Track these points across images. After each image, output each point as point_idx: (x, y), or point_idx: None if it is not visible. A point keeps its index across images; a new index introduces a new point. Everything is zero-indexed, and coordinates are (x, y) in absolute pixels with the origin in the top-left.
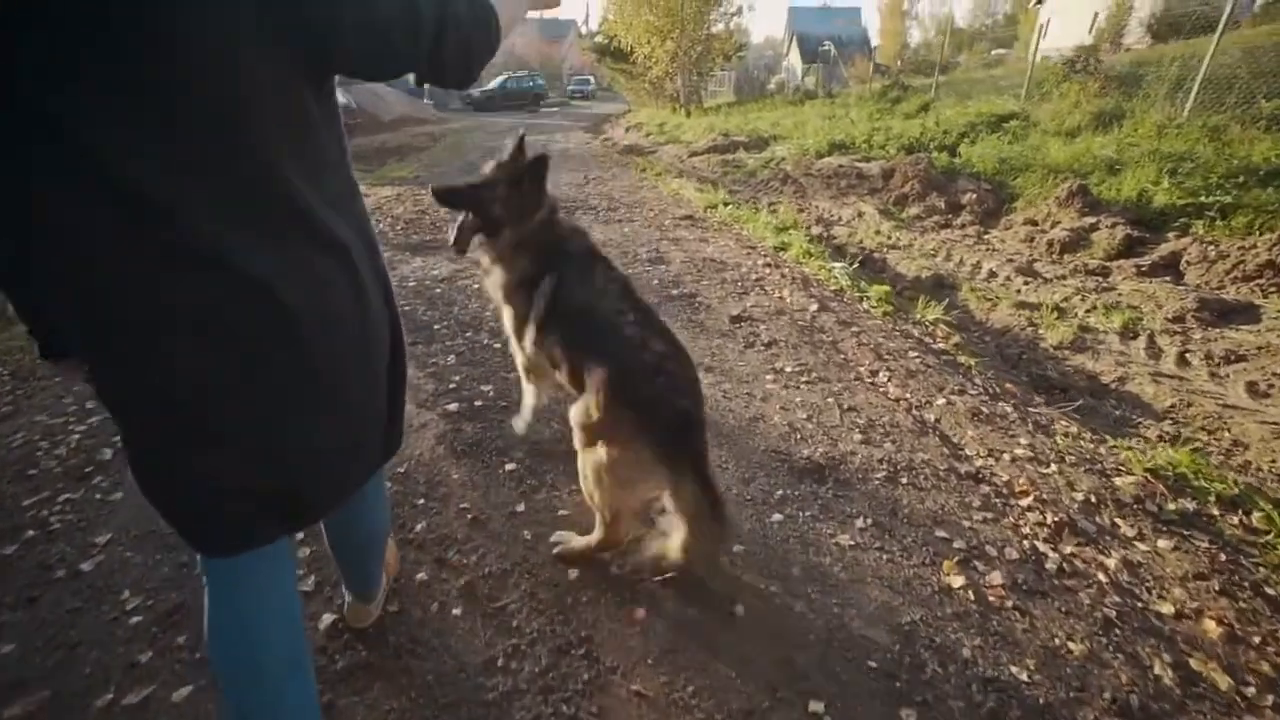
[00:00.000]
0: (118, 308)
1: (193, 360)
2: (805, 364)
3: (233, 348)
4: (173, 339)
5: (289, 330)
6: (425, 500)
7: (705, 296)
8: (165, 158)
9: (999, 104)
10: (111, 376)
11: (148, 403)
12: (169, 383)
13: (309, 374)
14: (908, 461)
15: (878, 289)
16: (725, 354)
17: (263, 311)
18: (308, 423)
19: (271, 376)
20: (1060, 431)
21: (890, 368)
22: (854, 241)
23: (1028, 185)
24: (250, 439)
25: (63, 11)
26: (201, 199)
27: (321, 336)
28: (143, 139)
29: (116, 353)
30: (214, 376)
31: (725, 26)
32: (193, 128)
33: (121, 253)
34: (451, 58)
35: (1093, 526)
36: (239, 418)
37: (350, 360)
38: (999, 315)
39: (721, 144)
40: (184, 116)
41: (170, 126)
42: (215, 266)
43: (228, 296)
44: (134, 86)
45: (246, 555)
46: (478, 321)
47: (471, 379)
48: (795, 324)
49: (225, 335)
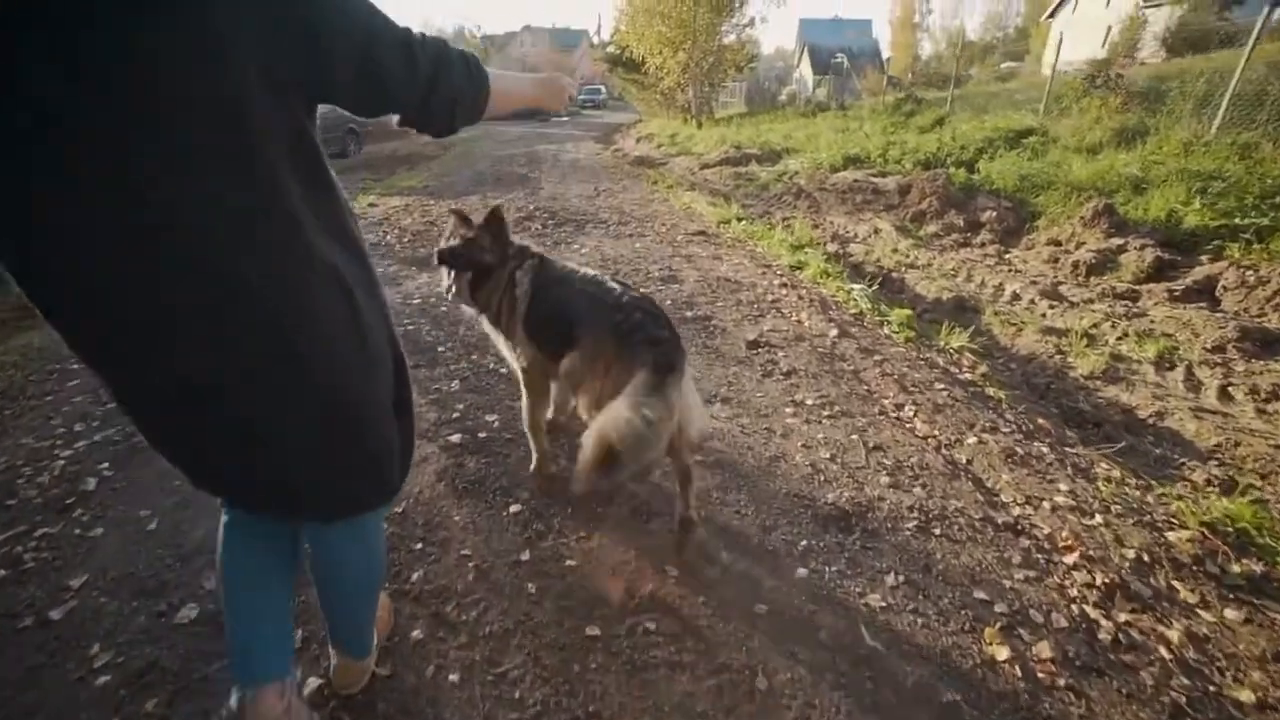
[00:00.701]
0: (117, 307)
1: (192, 362)
2: (827, 396)
3: (232, 353)
4: (171, 340)
5: (286, 342)
6: (423, 545)
7: (720, 319)
8: (171, 172)
9: (1017, 119)
10: (112, 376)
11: (148, 401)
12: (168, 383)
13: (309, 388)
14: (940, 509)
15: (899, 313)
16: (742, 384)
17: (261, 319)
18: (307, 430)
19: (271, 383)
20: (1102, 476)
21: (916, 401)
22: (871, 260)
23: (1050, 203)
24: (248, 441)
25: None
26: (203, 207)
27: (321, 355)
28: (152, 163)
29: (116, 352)
30: (214, 378)
31: (737, 38)
32: (204, 158)
33: (122, 253)
34: (438, 109)
35: (1148, 590)
36: (237, 421)
37: (351, 379)
38: (1024, 341)
39: (734, 156)
40: (197, 151)
41: (182, 159)
42: (215, 271)
43: (227, 301)
44: (151, 132)
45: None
46: (483, 344)
47: (476, 408)
48: (815, 351)
49: (224, 340)
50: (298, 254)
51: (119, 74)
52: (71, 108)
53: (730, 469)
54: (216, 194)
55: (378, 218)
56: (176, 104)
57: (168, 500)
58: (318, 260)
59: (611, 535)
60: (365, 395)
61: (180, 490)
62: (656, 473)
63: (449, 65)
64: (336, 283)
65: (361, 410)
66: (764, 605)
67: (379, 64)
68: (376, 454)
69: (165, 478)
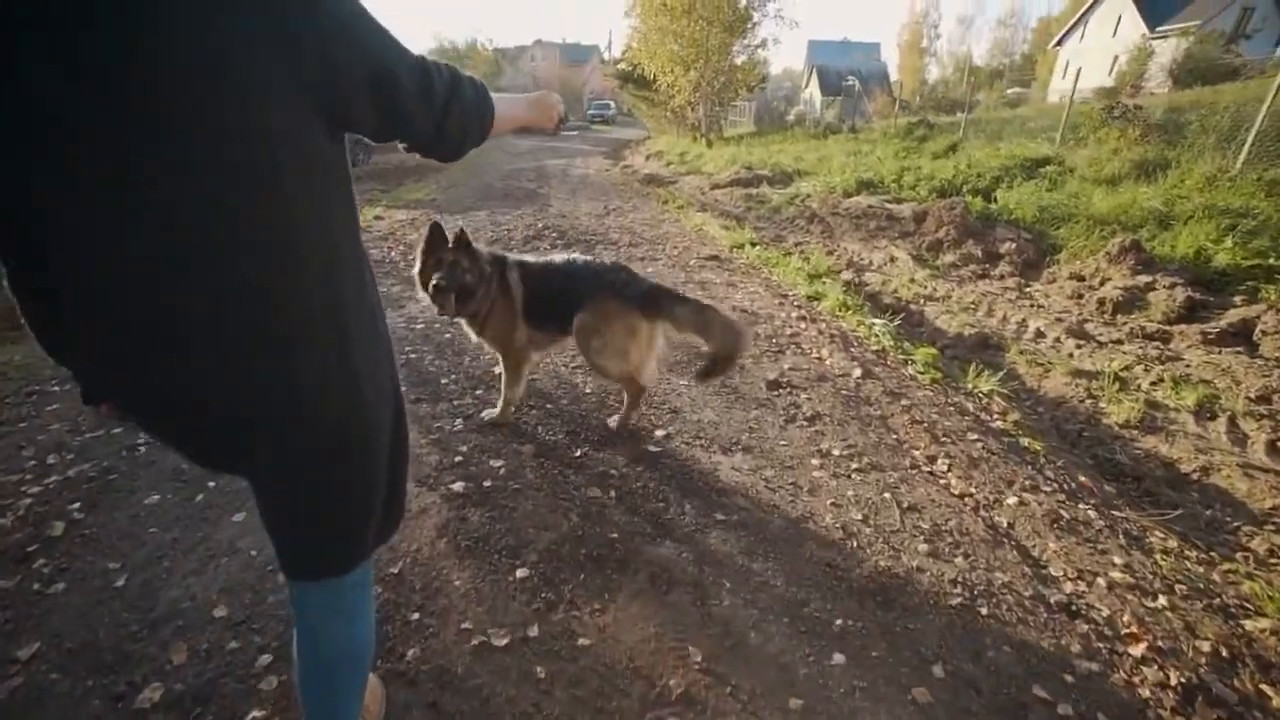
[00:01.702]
0: (116, 307)
1: (188, 364)
2: (854, 446)
3: (224, 361)
4: (170, 340)
5: (279, 358)
6: (420, 615)
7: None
8: (171, 173)
9: (1032, 147)
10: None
11: (149, 400)
12: (168, 382)
13: (296, 411)
14: (985, 583)
15: (924, 352)
16: (764, 429)
17: (261, 320)
18: (291, 458)
19: (258, 401)
20: (1158, 547)
21: (949, 453)
22: (888, 291)
23: (1071, 237)
24: (236, 456)
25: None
26: (203, 209)
27: (309, 378)
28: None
29: (112, 355)
30: (204, 385)
31: (748, 58)
32: (206, 163)
33: (122, 253)
34: (450, 136)
35: (1233, 695)
36: (225, 432)
37: (341, 413)
38: (1053, 384)
39: (745, 177)
40: (197, 157)
41: (181, 163)
42: (216, 272)
43: (226, 305)
44: (151, 133)
45: None
46: (490, 375)
47: (480, 450)
48: (839, 393)
49: (220, 346)
50: (296, 264)
51: (119, 74)
52: (71, 108)
53: (756, 531)
54: (216, 196)
55: (383, 232)
56: (176, 107)
57: (140, 551)
58: (314, 279)
59: (628, 607)
60: (354, 432)
61: (155, 539)
62: (667, 541)
63: (461, 92)
64: (332, 315)
65: (351, 446)
66: (799, 700)
67: (397, 91)
68: (354, 504)
69: (140, 523)
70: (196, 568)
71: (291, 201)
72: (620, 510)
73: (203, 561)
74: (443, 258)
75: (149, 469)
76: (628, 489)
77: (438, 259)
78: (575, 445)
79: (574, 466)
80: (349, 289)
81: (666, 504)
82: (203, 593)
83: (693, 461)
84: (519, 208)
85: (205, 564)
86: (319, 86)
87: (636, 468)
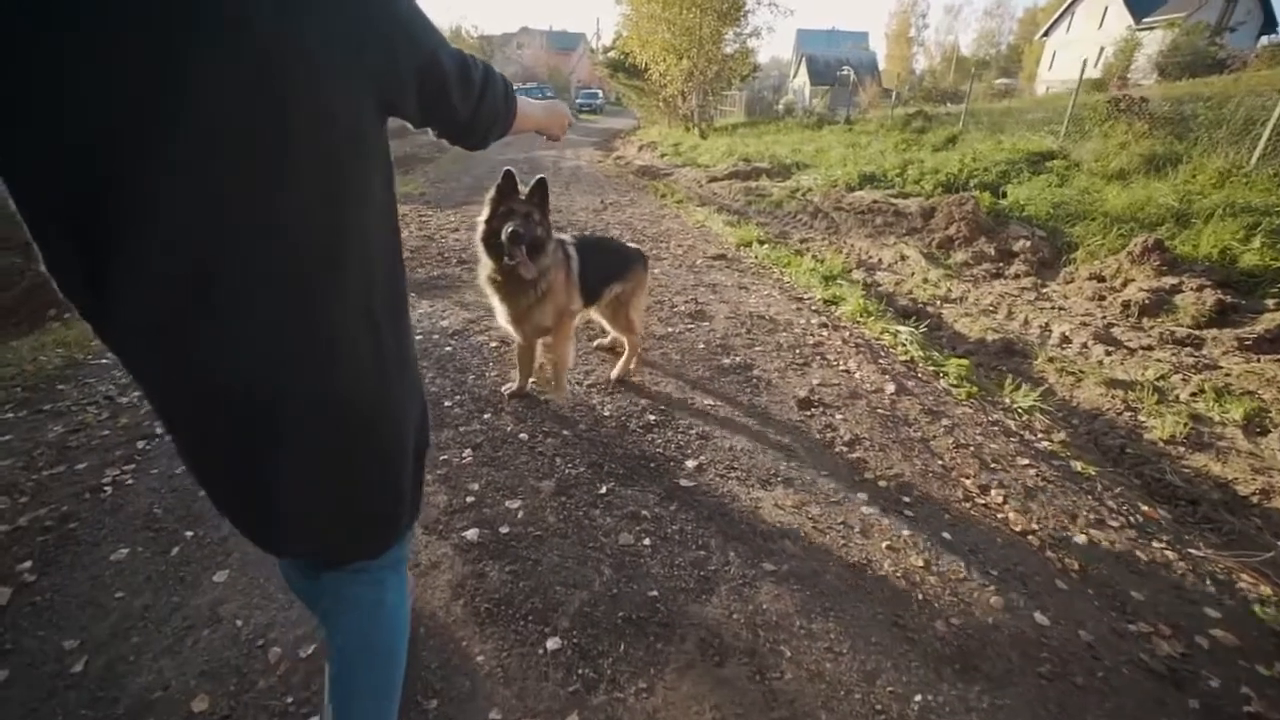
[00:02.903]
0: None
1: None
2: (899, 475)
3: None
4: (198, 322)
5: (310, 342)
6: (440, 703)
7: (762, 368)
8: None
9: (1035, 141)
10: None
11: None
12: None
13: (328, 395)
14: (1072, 644)
15: (955, 363)
16: (802, 457)
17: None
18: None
19: (292, 381)
20: (1254, 597)
21: (1002, 482)
22: (903, 292)
23: (1087, 235)
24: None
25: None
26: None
27: (344, 364)
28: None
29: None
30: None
31: (740, 46)
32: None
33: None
34: (482, 124)
35: None
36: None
37: (373, 398)
38: (1086, 394)
39: (742, 170)
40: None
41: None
42: (267, 246)
43: (276, 280)
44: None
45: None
46: (499, 396)
47: (494, 488)
48: (874, 412)
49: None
50: (341, 240)
51: (230, 72)
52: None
53: (810, 583)
54: (286, 174)
55: None
56: (271, 95)
57: (103, 623)
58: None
59: (677, 684)
60: (386, 419)
61: (121, 607)
62: (713, 598)
63: (494, 84)
64: (364, 305)
65: (381, 432)
66: None
67: (444, 76)
68: (385, 487)
69: (104, 585)
70: (171, 644)
71: (347, 181)
72: (657, 560)
73: (178, 635)
74: (514, 208)
75: (116, 515)
76: (663, 533)
77: (508, 209)
78: (599, 479)
79: (600, 506)
80: (385, 269)
81: (708, 551)
82: (178, 678)
83: (730, 498)
84: None
85: (181, 638)
86: (381, 76)
87: (670, 506)
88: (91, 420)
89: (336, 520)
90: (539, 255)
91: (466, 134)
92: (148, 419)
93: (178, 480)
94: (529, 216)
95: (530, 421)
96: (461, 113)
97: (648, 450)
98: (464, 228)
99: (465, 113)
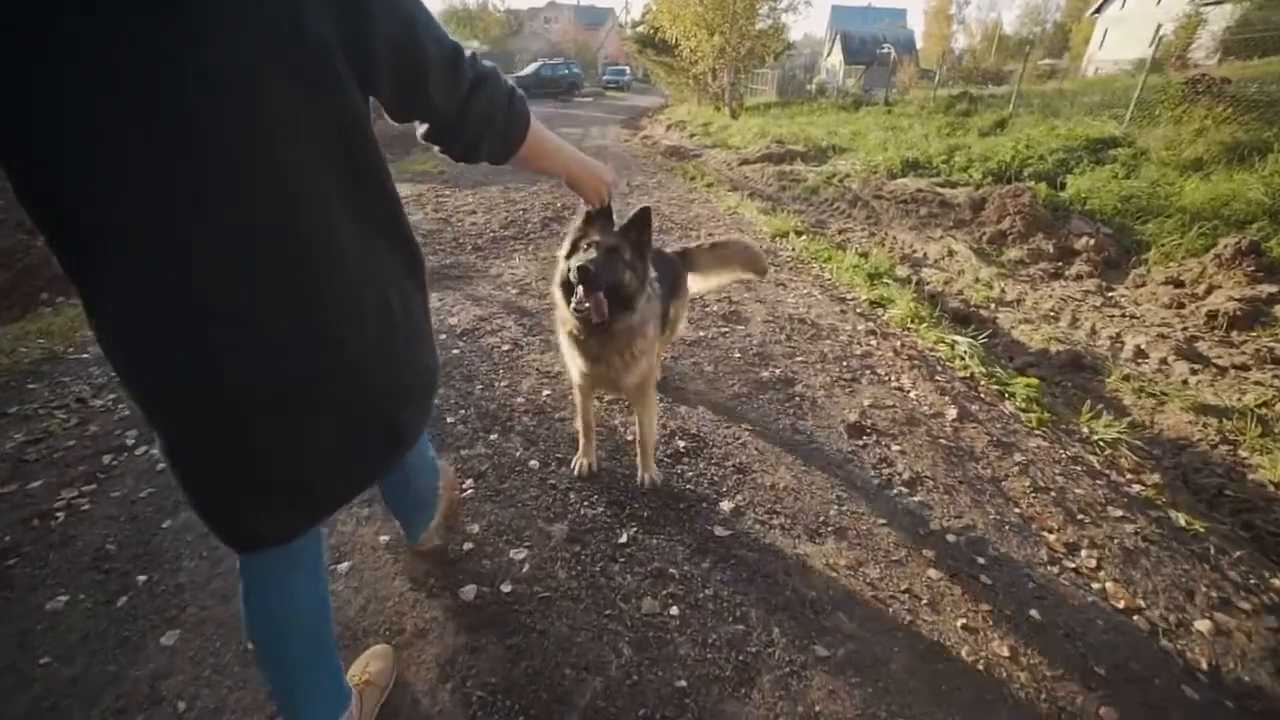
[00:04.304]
0: (141, 233)
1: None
2: (970, 527)
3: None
4: (189, 272)
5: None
6: None
7: (806, 383)
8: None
9: (1095, 126)
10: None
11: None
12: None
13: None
14: None
15: (1022, 382)
16: (856, 500)
17: (279, 255)
18: (321, 409)
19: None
20: None
21: (1093, 540)
22: (953, 292)
23: (1161, 233)
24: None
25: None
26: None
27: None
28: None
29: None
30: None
31: (773, 22)
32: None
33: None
34: (470, 126)
35: None
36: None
37: (374, 356)
38: (1171, 421)
39: (776, 152)
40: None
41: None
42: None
43: (252, 236)
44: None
45: (271, 553)
46: (508, 411)
47: (497, 531)
48: (936, 443)
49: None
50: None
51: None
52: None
53: (873, 674)
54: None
55: None
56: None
57: (22, 697)
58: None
59: None
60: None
61: (48, 676)
62: (755, 692)
63: (495, 86)
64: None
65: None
66: None
67: (422, 52)
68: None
69: (31, 644)
70: None
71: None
72: (686, 636)
73: None
74: (598, 240)
75: (63, 550)
76: (694, 599)
77: (591, 241)
78: (619, 524)
79: (620, 559)
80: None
81: (747, 625)
82: None
83: (773, 554)
84: (534, 183)
85: None
86: (347, 34)
87: (702, 563)
88: (57, 428)
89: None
90: (623, 310)
91: (451, 134)
92: (120, 427)
93: (139, 507)
94: (614, 252)
95: (542, 445)
96: (442, 106)
97: (676, 486)
98: (481, 210)
99: (447, 107)
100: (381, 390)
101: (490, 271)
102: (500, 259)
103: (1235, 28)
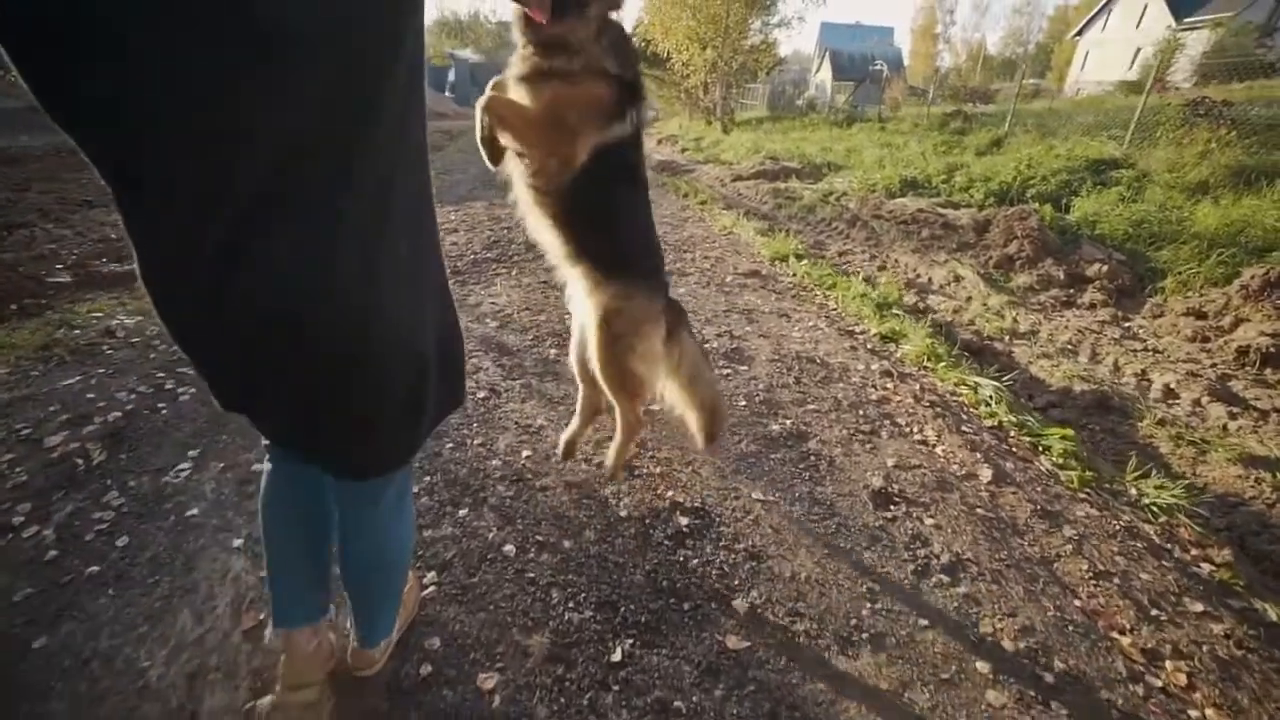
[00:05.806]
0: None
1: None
2: (1029, 628)
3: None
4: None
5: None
6: None
7: (820, 437)
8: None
9: (1095, 147)
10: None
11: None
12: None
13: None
14: None
15: (1058, 434)
16: (891, 595)
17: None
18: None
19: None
20: None
21: (1178, 645)
22: (963, 321)
23: (1177, 261)
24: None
25: None
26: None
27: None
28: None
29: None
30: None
31: (764, 38)
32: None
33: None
34: None
35: None
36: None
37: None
38: (1217, 473)
39: (770, 169)
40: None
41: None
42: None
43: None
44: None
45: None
46: (480, 478)
47: (463, 647)
48: (972, 513)
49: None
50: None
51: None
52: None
53: None
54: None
55: None
56: None
57: None
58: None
59: None
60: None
61: None
62: None
63: None
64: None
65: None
66: None
67: None
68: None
69: None
70: None
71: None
72: None
73: None
74: None
75: None
76: None
77: None
78: (612, 634)
79: (614, 686)
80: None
81: None
82: None
83: (801, 674)
84: None
85: None
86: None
87: (714, 690)
88: None
89: (333, 436)
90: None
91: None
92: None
93: (12, 613)
94: None
95: (520, 523)
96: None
97: (678, 579)
98: (463, 228)
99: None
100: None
101: (469, 300)
102: (480, 285)
103: (1211, 53)
